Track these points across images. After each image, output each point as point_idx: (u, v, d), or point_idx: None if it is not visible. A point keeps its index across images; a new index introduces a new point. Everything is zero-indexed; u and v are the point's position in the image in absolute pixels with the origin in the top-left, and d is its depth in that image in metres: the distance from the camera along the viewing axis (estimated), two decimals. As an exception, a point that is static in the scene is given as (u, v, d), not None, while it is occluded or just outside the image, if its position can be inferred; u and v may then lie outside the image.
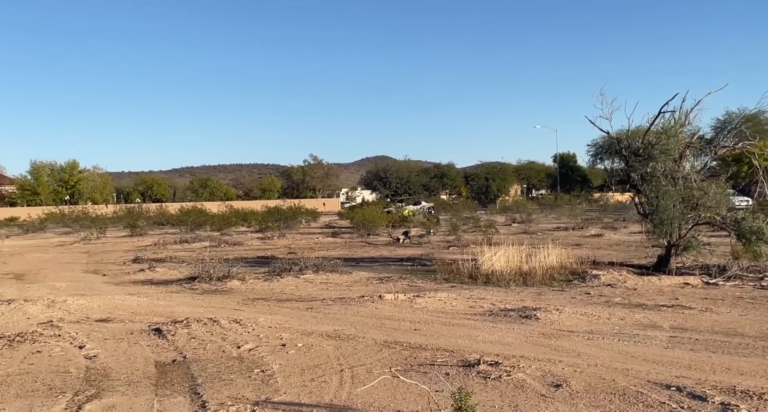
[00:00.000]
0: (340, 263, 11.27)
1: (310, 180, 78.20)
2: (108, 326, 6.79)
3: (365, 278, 10.41)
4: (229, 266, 10.68)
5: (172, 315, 7.47)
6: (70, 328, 6.69)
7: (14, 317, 7.43)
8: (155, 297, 9.13)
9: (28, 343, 5.94)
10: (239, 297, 8.92)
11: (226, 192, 75.38)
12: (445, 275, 9.78)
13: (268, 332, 6.21)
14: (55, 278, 11.96)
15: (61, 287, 10.44)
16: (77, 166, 67.49)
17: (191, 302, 8.58)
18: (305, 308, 7.74)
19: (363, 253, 15.79)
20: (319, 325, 6.49)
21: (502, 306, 7.03)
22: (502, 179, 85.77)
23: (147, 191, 71.89)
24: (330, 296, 8.59)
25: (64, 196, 64.58)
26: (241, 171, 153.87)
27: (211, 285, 10.13)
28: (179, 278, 11.28)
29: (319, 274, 10.85)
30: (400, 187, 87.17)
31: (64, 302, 8.24)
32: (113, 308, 8.08)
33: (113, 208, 55.54)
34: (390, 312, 7.07)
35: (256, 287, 9.94)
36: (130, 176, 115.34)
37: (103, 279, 11.81)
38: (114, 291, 9.91)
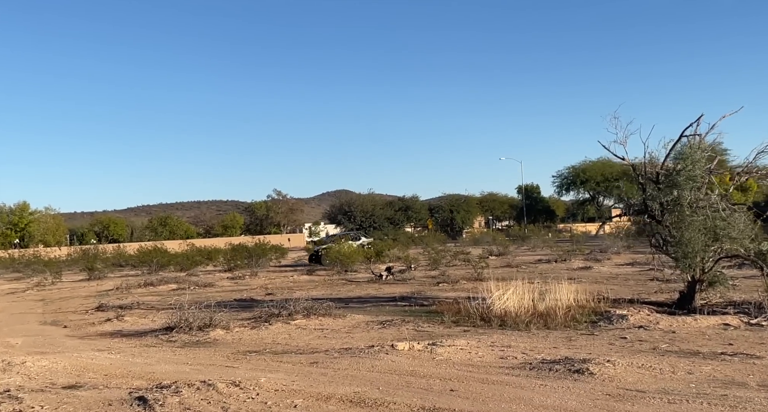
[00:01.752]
0: (333, 306, 10.32)
1: (274, 215, 76.75)
2: (79, 395, 5.67)
3: (363, 323, 9.48)
4: (210, 314, 9.59)
5: (154, 377, 6.39)
6: (33, 399, 5.55)
7: (-38, 386, 6.22)
8: (129, 353, 7.98)
9: (-19, 424, 4.81)
10: (227, 350, 7.86)
11: (186, 230, 73.16)
12: (453, 318, 8.95)
13: (275, 397, 5.23)
14: (9, 332, 10.59)
15: (17, 343, 9.15)
16: (27, 208, 64.46)
17: (173, 358, 7.49)
18: (309, 362, 6.77)
19: (348, 292, 14.84)
20: (334, 386, 5.55)
21: (538, 356, 6.23)
22: (467, 211, 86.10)
23: (103, 232, 69.12)
24: (332, 346, 7.64)
25: (14, 239, 61.32)
26: (200, 208, 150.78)
27: (192, 336, 9.02)
28: (153, 328, 10.10)
29: (311, 319, 9.87)
30: (365, 221, 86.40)
31: (22, 365, 7.03)
32: (82, 370, 6.92)
33: (67, 250, 52.91)
34: (411, 367, 6.18)
35: (244, 336, 8.89)
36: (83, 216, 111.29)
37: (64, 332, 10.52)
38: (79, 347, 8.70)
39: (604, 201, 64.16)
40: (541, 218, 67.58)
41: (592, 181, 59.46)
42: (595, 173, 58.53)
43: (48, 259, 40.85)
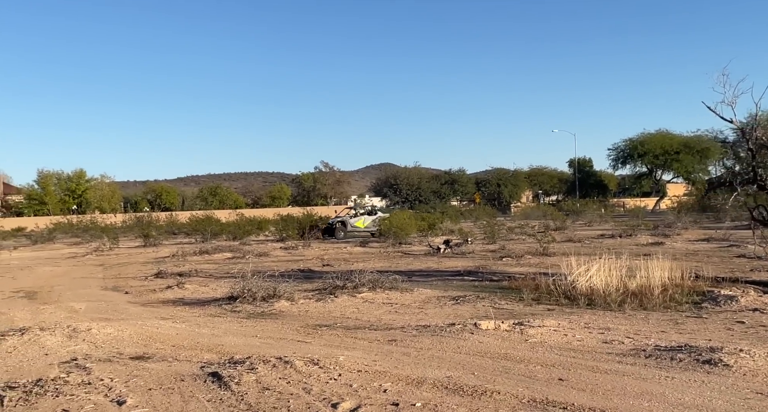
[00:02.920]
0: (399, 279, 9.79)
1: (321, 187, 76.83)
2: (148, 368, 5.32)
3: (434, 297, 8.92)
4: (274, 284, 9.20)
5: (224, 350, 6.01)
6: (101, 370, 5.22)
7: (29, 352, 5.97)
8: (195, 323, 7.66)
9: (50, 396, 4.47)
10: (295, 323, 7.44)
11: (235, 200, 74.05)
12: (532, 295, 8.27)
13: (360, 379, 4.73)
14: (72, 297, 10.51)
15: (81, 308, 8.99)
16: (84, 176, 66.34)
17: (240, 330, 7.11)
18: (386, 339, 6.25)
19: (407, 265, 14.31)
20: (422, 368, 5.00)
21: (648, 342, 5.52)
22: (514, 185, 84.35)
23: (155, 200, 70.60)
24: (407, 323, 7.11)
25: (72, 205, 63.35)
26: (247, 179, 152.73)
27: (256, 306, 8.66)
28: (215, 297, 9.81)
29: (377, 292, 9.38)
30: (411, 194, 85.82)
31: (88, 331, 6.77)
32: (149, 339, 6.61)
33: (122, 217, 54.30)
34: (502, 349, 5.58)
35: (310, 309, 8.46)
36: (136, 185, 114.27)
37: (126, 298, 10.36)
38: (143, 314, 8.45)
39: (662, 175, 61.48)
40: (593, 192, 65.38)
41: (650, 155, 56.85)
42: (654, 146, 55.92)
43: (104, 225, 41.94)
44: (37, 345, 6.19)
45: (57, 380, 4.82)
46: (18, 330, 6.78)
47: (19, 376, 5.08)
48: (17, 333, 6.59)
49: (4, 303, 9.87)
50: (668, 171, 60.49)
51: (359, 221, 28.39)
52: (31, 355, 5.87)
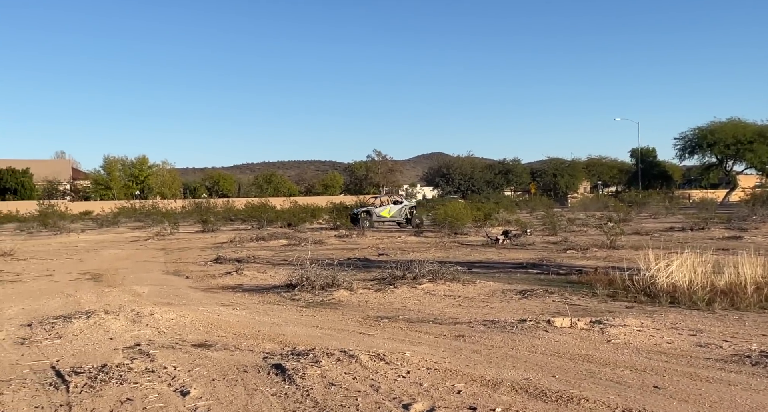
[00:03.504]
0: (461, 271, 9.42)
1: (374, 176, 76.86)
2: (211, 356, 5.18)
3: (498, 291, 8.52)
4: (332, 273, 9.00)
5: (285, 340, 5.82)
6: (164, 357, 5.12)
7: (95, 336, 5.95)
8: (255, 310, 7.55)
9: (114, 383, 4.37)
10: (356, 314, 7.20)
11: (289, 188, 75.05)
12: (606, 291, 7.76)
13: (430, 378, 4.43)
14: (135, 280, 10.65)
15: (144, 292, 9.05)
16: (147, 162, 68.56)
17: (301, 320, 6.92)
18: (453, 335, 5.92)
19: (465, 256, 13.90)
20: (496, 369, 4.65)
21: (751, 347, 4.99)
22: (571, 175, 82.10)
23: (213, 186, 72.33)
24: (473, 317, 6.75)
25: (135, 190, 65.66)
26: (300, 167, 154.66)
27: (315, 295, 8.48)
28: (274, 284, 9.72)
29: (438, 283, 9.05)
30: (463, 184, 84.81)
31: (151, 316, 6.74)
32: (210, 326, 6.51)
33: (181, 203, 55.83)
34: (582, 350, 5.15)
35: (370, 299, 8.22)
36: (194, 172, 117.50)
37: (187, 283, 10.41)
38: (203, 300, 8.42)
39: (733, 166, 58.27)
40: (656, 183, 62.77)
41: (720, 144, 53.82)
42: (725, 135, 52.90)
43: (165, 210, 43.20)
44: (102, 329, 6.18)
45: (121, 366, 4.74)
46: (84, 313, 6.82)
47: (85, 360, 5.03)
48: (83, 316, 6.62)
49: (71, 285, 10.08)
50: (740, 162, 57.22)
51: (385, 211, 27.79)
52: (96, 339, 5.85)
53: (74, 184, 70.10)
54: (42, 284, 10.25)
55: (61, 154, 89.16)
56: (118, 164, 66.68)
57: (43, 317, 6.90)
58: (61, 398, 4.06)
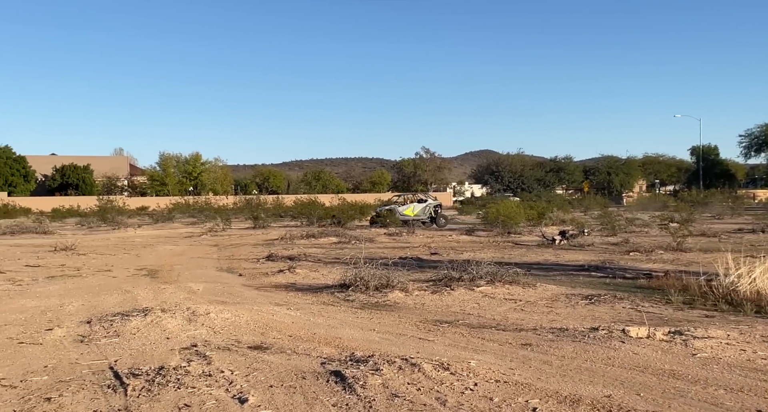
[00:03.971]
0: (521, 273, 9.03)
1: (422, 173, 76.44)
2: (267, 360, 5.02)
3: (562, 295, 8.10)
4: (387, 273, 8.77)
5: (342, 344, 5.62)
6: (221, 360, 4.99)
7: (152, 335, 5.90)
8: (309, 311, 7.39)
9: (171, 387, 4.25)
10: (413, 317, 6.94)
11: (337, 185, 75.47)
12: (681, 297, 7.24)
13: (500, 391, 4.12)
14: (190, 277, 10.70)
15: (198, 289, 9.05)
16: (200, 159, 70.23)
17: (356, 322, 6.72)
18: (518, 343, 5.58)
19: (521, 256, 13.44)
20: (572, 383, 4.31)
21: None
22: (626, 174, 79.65)
23: (263, 183, 73.46)
24: (539, 324, 6.39)
25: (188, 186, 67.34)
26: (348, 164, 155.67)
27: (369, 296, 8.27)
28: (326, 283, 9.57)
29: (497, 286, 8.69)
30: (513, 182, 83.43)
31: (206, 315, 6.66)
32: (265, 327, 6.37)
33: (233, 199, 56.87)
34: (666, 364, 4.74)
35: (426, 301, 7.94)
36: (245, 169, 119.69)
37: (240, 280, 10.39)
38: (257, 299, 8.33)
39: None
40: (717, 182, 60.00)
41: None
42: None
43: (217, 206, 44.05)
44: (159, 328, 6.13)
45: (178, 369, 4.62)
46: (141, 311, 6.81)
47: (142, 361, 4.95)
48: (140, 314, 6.60)
49: (129, 281, 10.20)
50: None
51: (408, 209, 27.20)
52: (153, 338, 5.79)
53: (132, 180, 72.44)
54: (101, 279, 10.42)
55: (119, 151, 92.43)
56: (172, 161, 68.54)
57: (102, 313, 6.93)
58: (119, 402, 3.95)
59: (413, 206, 27.50)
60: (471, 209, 38.43)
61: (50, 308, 7.42)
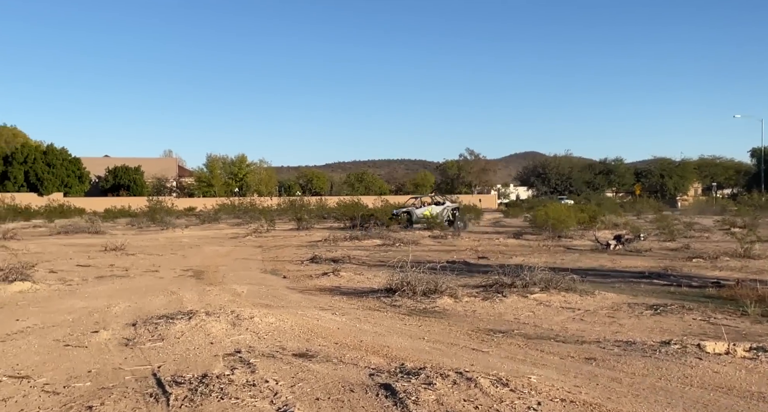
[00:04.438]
0: (577, 279, 8.57)
1: (466, 175, 75.65)
2: (313, 369, 4.78)
3: (623, 304, 7.61)
4: (435, 278, 8.46)
5: (391, 354, 5.34)
6: (265, 368, 4.78)
7: (196, 339, 5.76)
8: (355, 316, 7.14)
9: (214, 397, 4.05)
10: (464, 325, 6.61)
11: (380, 187, 75.43)
12: (759, 308, 6.67)
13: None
14: (235, 278, 10.64)
15: (243, 292, 8.94)
16: (245, 160, 71.31)
17: (405, 330, 6.43)
18: (582, 357, 5.19)
19: (574, 262, 12.89)
20: (646, 405, 3.91)
21: None
22: (680, 176, 76.87)
23: (307, 184, 74.06)
24: (601, 336, 5.96)
25: (234, 188, 68.47)
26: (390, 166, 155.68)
27: (416, 302, 7.97)
28: (372, 287, 9.32)
29: (552, 293, 8.26)
30: (560, 184, 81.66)
31: (251, 319, 6.50)
32: (310, 333, 6.16)
33: (277, 200, 57.46)
34: (752, 385, 4.28)
35: (477, 308, 7.59)
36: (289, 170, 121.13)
37: (284, 283, 10.25)
38: (302, 302, 8.14)
39: None
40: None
41: None
42: None
43: (261, 207, 44.52)
44: (203, 332, 5.98)
45: (222, 377, 4.43)
46: (185, 314, 6.70)
47: (185, 368, 4.79)
48: (185, 317, 6.49)
49: (175, 282, 10.20)
50: None
51: (426, 211, 26.45)
52: (197, 343, 5.65)
53: (180, 181, 74.19)
54: (148, 280, 10.47)
55: (168, 153, 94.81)
56: (219, 162, 69.83)
57: (147, 316, 6.86)
58: (160, 413, 3.78)
59: (431, 209, 26.80)
60: (517, 212, 37.60)
61: (97, 309, 7.41)
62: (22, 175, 59.80)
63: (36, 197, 55.83)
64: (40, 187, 59.74)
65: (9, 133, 69.64)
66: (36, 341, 5.68)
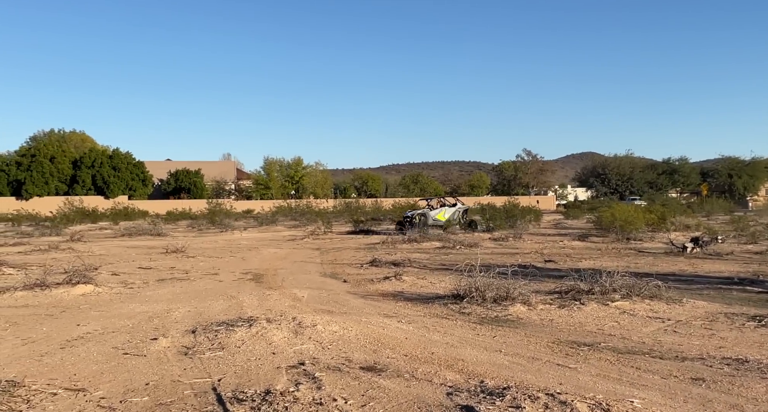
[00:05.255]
0: (662, 286, 7.81)
1: (523, 176, 73.92)
2: (384, 386, 4.34)
3: (720, 314, 6.84)
4: (506, 283, 7.88)
5: (467, 368, 4.84)
6: (332, 383, 4.38)
7: (257, 349, 5.42)
8: (422, 324, 6.67)
9: (279, 417, 3.67)
10: (543, 336, 6.02)
11: (435, 188, 74.68)
12: None
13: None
14: (294, 282, 10.35)
15: (303, 296, 8.61)
16: (301, 163, 72.06)
17: (478, 341, 5.90)
18: (687, 377, 4.54)
19: (648, 266, 11.99)
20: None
21: None
22: (750, 176, 72.90)
23: (362, 186, 74.11)
24: (703, 351, 5.27)
25: (290, 190, 69.25)
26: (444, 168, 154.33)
27: (487, 309, 7.42)
28: (437, 293, 8.83)
29: (634, 300, 7.55)
30: (621, 185, 78.81)
31: (313, 327, 6.12)
32: (377, 343, 5.73)
33: (333, 202, 57.67)
34: None
35: (554, 317, 6.97)
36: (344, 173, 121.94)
37: (345, 287, 9.88)
38: (365, 309, 7.73)
39: None
40: None
41: None
42: None
43: (318, 209, 44.70)
44: (264, 341, 5.65)
45: (286, 394, 4.05)
46: (246, 320, 6.39)
47: (247, 381, 4.44)
48: (245, 324, 6.18)
49: (234, 285, 10.01)
50: None
51: (440, 214, 25.27)
52: (259, 352, 5.31)
53: (238, 184, 75.68)
54: (208, 283, 10.32)
55: (227, 156, 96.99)
56: (276, 165, 70.82)
57: (207, 322, 6.60)
58: (221, 435, 3.42)
59: (445, 211, 25.67)
60: (578, 213, 36.26)
61: (157, 314, 7.23)
62: (89, 179, 62.32)
63: (102, 200, 58.07)
64: (107, 191, 62.09)
65: (78, 138, 72.80)
66: (95, 349, 5.48)
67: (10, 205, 53.23)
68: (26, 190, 59.27)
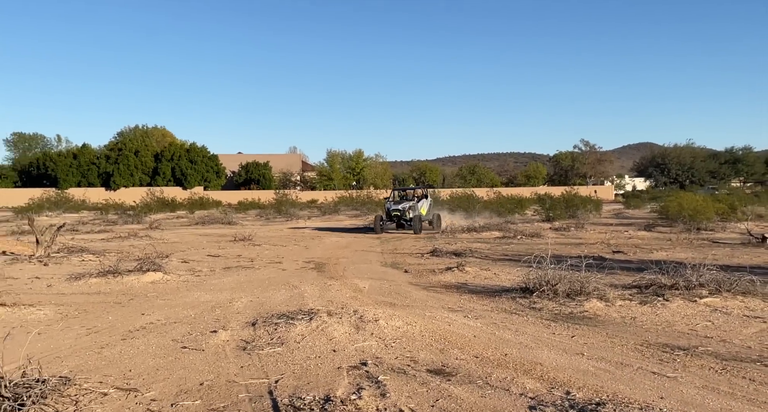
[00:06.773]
0: (756, 281, 6.77)
1: (580, 167, 71.05)
2: (455, 395, 3.69)
3: (831, 316, 5.78)
4: (579, 276, 7.04)
5: (546, 374, 4.13)
6: (397, 389, 3.77)
7: (317, 345, 4.89)
8: (491, 320, 5.96)
9: (339, 431, 3.09)
10: (629, 337, 5.20)
11: (492, 179, 72.94)
12: None
13: None
14: (355, 272, 9.82)
15: (365, 287, 8.05)
16: (362, 155, 71.84)
17: (555, 341, 5.15)
18: (816, 394, 3.65)
19: (727, 258, 10.76)
20: None
21: None
22: (821, 164, 67.17)
23: (420, 177, 73.25)
24: (827, 362, 4.33)
25: (352, 181, 69.25)
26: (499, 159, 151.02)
27: (560, 304, 6.62)
28: (502, 285, 8.07)
29: (725, 296, 6.56)
30: (681, 174, 74.55)
31: (375, 323, 5.54)
32: (443, 341, 5.08)
33: (392, 193, 57.04)
34: None
35: (636, 315, 6.11)
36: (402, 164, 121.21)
37: (406, 278, 9.26)
38: (428, 301, 7.08)
39: None
40: None
41: None
42: None
43: (378, 200, 44.27)
44: (325, 336, 5.11)
45: (347, 403, 3.47)
46: (306, 312, 5.89)
47: (305, 384, 3.90)
48: (306, 317, 5.67)
49: (296, 274, 9.58)
50: None
51: (423, 208, 20.07)
52: (319, 349, 4.77)
53: (303, 175, 76.43)
54: (271, 271, 9.94)
55: (293, 149, 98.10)
56: (338, 157, 70.93)
57: (268, 313, 6.14)
58: (274, 453, 2.87)
59: (422, 203, 20.30)
60: (638, 203, 34.25)
61: (220, 304, 6.84)
62: (169, 171, 64.34)
63: (180, 191, 59.79)
64: (184, 182, 63.94)
65: (159, 133, 75.26)
66: (155, 341, 5.09)
67: (100, 195, 55.74)
68: (114, 181, 61.84)
